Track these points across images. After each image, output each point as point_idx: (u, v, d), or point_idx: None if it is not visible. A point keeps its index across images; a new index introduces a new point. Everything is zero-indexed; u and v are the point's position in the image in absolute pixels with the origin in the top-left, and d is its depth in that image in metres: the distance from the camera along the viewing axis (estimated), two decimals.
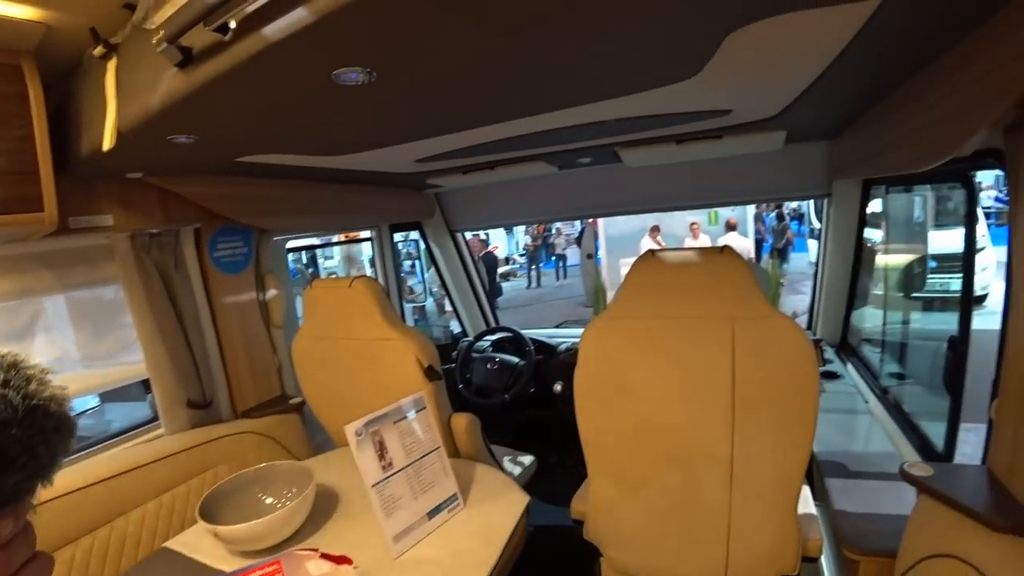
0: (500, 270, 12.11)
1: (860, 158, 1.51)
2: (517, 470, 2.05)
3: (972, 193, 1.12)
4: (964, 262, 1.20)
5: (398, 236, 2.95)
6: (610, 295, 7.50)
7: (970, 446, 1.42)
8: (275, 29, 0.58)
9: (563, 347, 2.44)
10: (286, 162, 1.45)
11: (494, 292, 8.38)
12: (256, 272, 1.88)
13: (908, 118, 1.08)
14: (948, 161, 0.90)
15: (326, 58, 0.67)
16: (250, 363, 1.81)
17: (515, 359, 2.33)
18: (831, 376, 2.00)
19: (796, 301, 8.46)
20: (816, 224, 9.53)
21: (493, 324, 3.30)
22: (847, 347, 2.27)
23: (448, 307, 3.28)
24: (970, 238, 1.18)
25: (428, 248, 2.90)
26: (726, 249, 1.11)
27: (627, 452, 1.24)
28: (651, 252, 1.18)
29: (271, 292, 1.96)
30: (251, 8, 0.58)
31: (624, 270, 1.29)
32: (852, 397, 1.83)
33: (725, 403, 1.09)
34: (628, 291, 1.20)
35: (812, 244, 9.79)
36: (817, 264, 2.35)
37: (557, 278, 12.47)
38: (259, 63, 0.64)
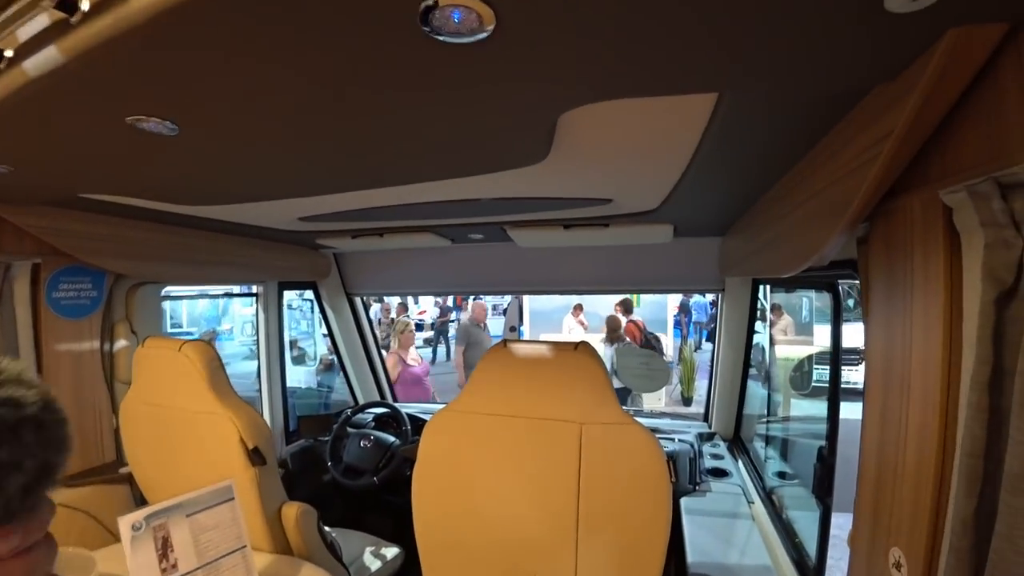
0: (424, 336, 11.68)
1: (742, 256, 1.52)
2: (376, 564, 1.79)
3: (837, 301, 1.12)
4: (831, 370, 1.19)
5: (292, 294, 2.73)
6: None
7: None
8: (33, 65, 0.52)
9: None
10: (146, 205, 1.27)
11: None
12: (105, 319, 1.64)
13: (775, 221, 1.08)
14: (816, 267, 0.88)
15: (109, 103, 0.60)
16: (78, 421, 1.51)
17: (391, 438, 2.11)
18: (719, 473, 1.94)
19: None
20: None
21: (389, 397, 3.08)
22: (739, 442, 2.25)
23: None
24: (836, 347, 1.17)
25: (322, 310, 2.69)
26: (582, 346, 1.03)
27: (463, 561, 1.09)
28: (504, 343, 1.08)
29: (120, 343, 1.70)
30: (23, 36, 0.51)
31: None
32: (736, 499, 1.76)
33: (569, 516, 0.97)
34: (475, 384, 1.09)
35: None
36: (713, 358, 2.36)
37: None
38: (35, 98, 0.57)
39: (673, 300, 10.32)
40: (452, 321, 12.34)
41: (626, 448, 0.95)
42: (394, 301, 9.76)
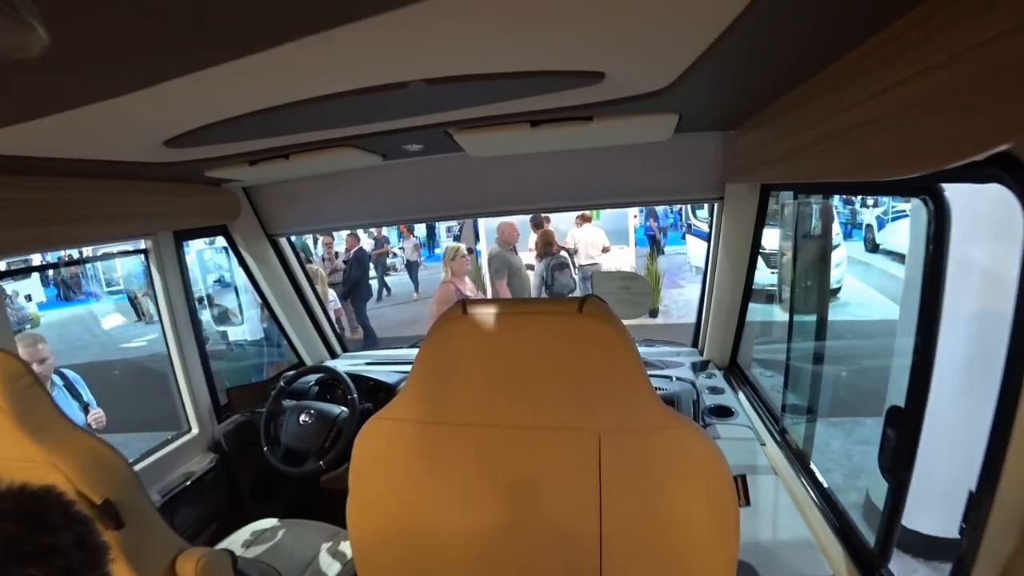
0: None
1: (769, 158, 1.15)
2: (335, 567, 1.50)
3: (942, 214, 0.77)
4: (925, 303, 0.86)
5: (200, 243, 2.24)
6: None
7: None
8: None
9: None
10: None
11: (364, 296, 7.53)
12: None
13: (838, 113, 0.72)
14: None
15: None
16: None
17: (337, 409, 1.75)
18: (723, 412, 1.69)
19: (675, 297, 8.70)
20: (695, 221, 9.89)
21: (339, 351, 2.70)
22: (736, 371, 2.00)
23: None
24: (935, 273, 0.83)
25: (240, 259, 2.21)
26: (590, 304, 0.66)
27: None
28: (463, 306, 0.70)
29: None
30: None
31: None
32: (749, 447, 1.51)
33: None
34: (423, 375, 0.73)
35: (692, 242, 10.10)
36: (705, 276, 2.06)
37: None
38: None
39: (633, 209, 10.00)
40: (393, 255, 11.71)
41: (672, 465, 0.62)
42: (341, 234, 9.01)
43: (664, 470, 0.62)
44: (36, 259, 2.02)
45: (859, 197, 10.05)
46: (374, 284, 9.47)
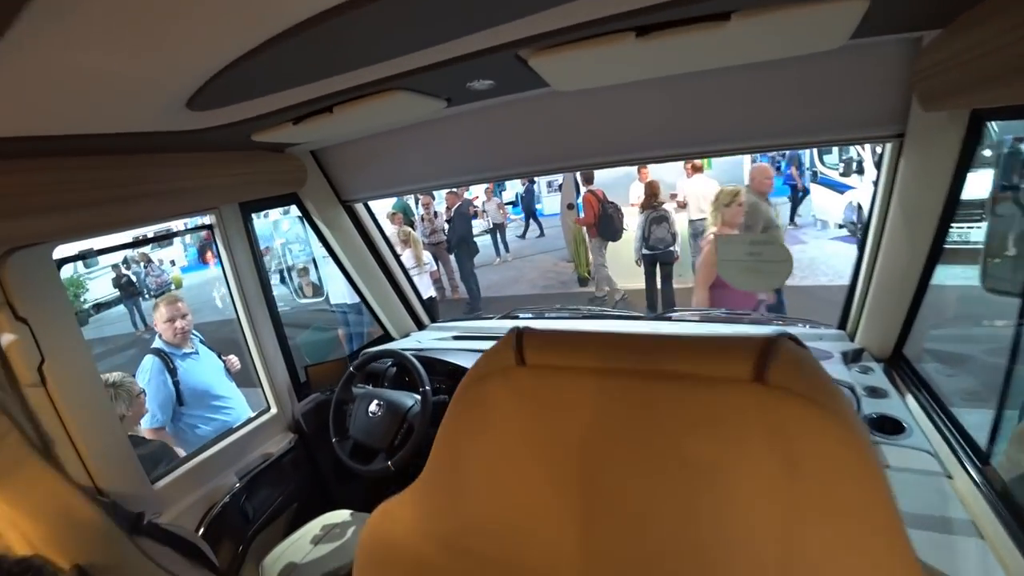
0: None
1: (1012, 67, 0.71)
2: None
3: None
4: None
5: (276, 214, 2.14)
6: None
7: None
8: None
9: None
10: None
11: (470, 253, 7.40)
12: None
13: None
14: None
15: None
16: None
17: (410, 400, 1.56)
18: (890, 427, 1.27)
19: (796, 255, 7.67)
20: (822, 168, 8.62)
21: (427, 321, 2.55)
22: (902, 367, 1.53)
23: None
24: None
25: (316, 229, 2.09)
26: (781, 362, 0.34)
27: None
28: (516, 344, 0.41)
29: (5, 337, 1.20)
30: None
31: None
32: (934, 485, 1.09)
33: None
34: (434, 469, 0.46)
35: (817, 193, 8.80)
36: (863, 238, 1.58)
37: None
38: None
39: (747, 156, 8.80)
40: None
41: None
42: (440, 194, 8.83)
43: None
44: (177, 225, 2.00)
45: None
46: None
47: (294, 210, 2.05)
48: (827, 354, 1.57)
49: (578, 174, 6.92)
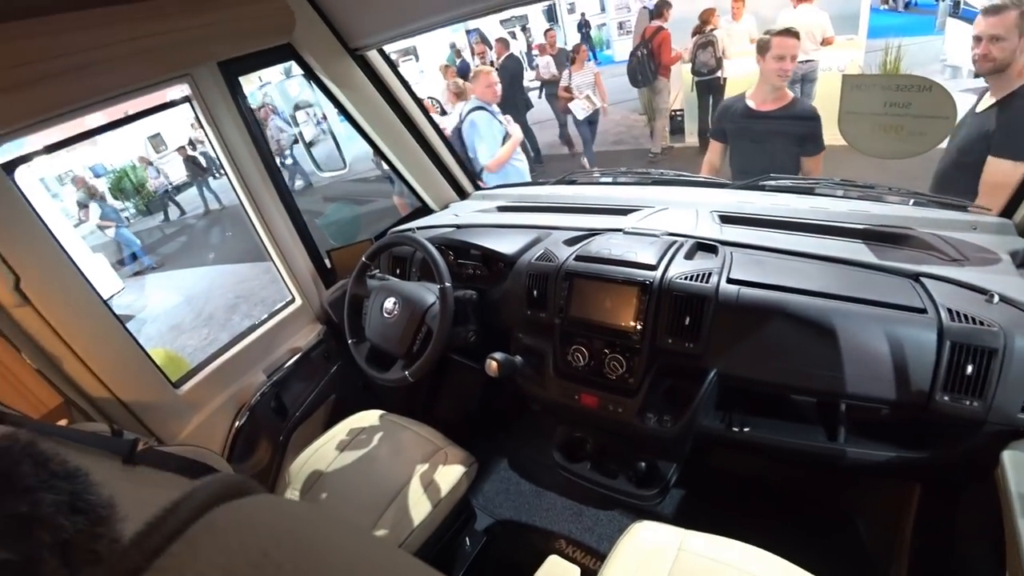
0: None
1: None
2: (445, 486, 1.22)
3: None
4: None
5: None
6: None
7: None
8: None
9: (537, 255, 1.28)
10: None
11: (520, 108, 6.59)
12: None
13: None
14: None
15: None
16: None
17: (431, 296, 1.31)
18: None
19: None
20: None
21: (470, 188, 2.22)
22: None
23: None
24: None
25: (324, 89, 1.72)
26: None
27: None
28: None
29: None
30: None
31: None
32: None
33: None
34: None
35: (953, 30, 6.83)
36: None
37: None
38: None
39: None
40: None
41: None
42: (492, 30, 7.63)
43: None
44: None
45: None
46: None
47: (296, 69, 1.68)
48: (989, 255, 1.13)
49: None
